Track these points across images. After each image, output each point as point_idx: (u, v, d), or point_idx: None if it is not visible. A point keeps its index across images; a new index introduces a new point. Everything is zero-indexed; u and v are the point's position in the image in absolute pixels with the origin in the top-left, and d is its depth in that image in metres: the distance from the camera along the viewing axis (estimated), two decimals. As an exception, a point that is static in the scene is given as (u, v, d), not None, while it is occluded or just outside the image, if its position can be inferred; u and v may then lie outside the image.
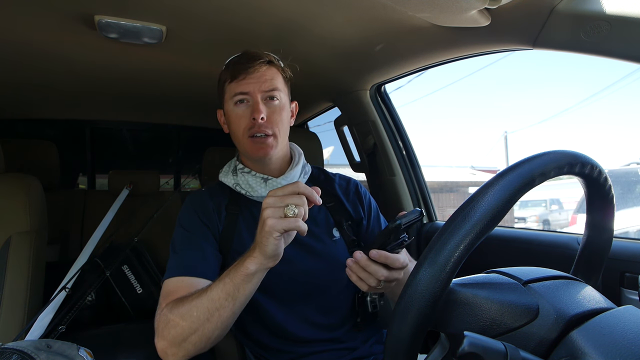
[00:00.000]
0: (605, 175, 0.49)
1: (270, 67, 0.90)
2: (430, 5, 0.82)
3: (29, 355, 0.75)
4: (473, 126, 58.53)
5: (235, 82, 0.88)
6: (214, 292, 0.71)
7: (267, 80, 0.88)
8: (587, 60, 43.20)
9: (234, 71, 0.88)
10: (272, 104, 0.89)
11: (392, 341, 0.41)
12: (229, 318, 0.72)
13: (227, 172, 0.96)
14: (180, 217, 0.91)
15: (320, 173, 1.05)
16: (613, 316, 0.41)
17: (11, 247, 1.17)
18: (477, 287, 0.45)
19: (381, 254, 0.67)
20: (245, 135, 0.88)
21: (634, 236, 3.74)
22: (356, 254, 0.69)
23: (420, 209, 0.70)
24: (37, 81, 1.51)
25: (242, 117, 0.88)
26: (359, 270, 0.69)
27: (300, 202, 0.65)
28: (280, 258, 0.70)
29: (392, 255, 0.67)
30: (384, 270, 0.67)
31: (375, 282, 0.68)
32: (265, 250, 0.67)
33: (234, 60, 0.91)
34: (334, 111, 1.79)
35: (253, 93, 0.87)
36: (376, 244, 0.68)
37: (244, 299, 0.71)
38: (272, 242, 0.65)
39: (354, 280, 0.70)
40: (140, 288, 1.74)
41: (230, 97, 0.89)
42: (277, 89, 0.89)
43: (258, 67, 0.87)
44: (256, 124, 0.86)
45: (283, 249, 0.69)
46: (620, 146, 41.11)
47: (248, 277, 0.69)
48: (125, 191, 1.94)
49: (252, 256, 0.69)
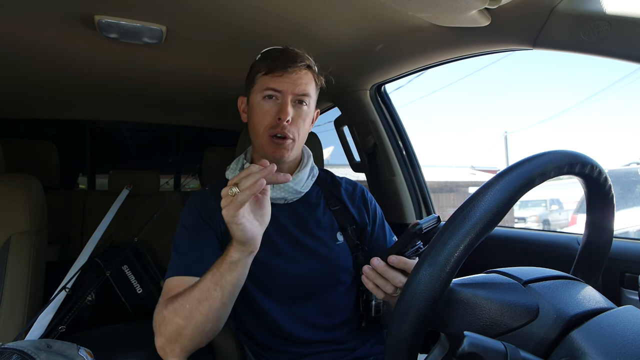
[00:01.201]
0: (605, 175, 0.49)
1: (308, 72, 0.89)
2: (430, 5, 0.82)
3: (29, 355, 0.75)
4: (473, 126, 58.56)
5: (270, 76, 0.86)
6: (202, 283, 0.72)
7: (302, 84, 0.87)
8: (587, 60, 43.20)
9: (272, 66, 0.86)
10: (300, 108, 0.88)
11: (392, 341, 0.41)
12: (219, 309, 0.72)
13: (234, 170, 0.96)
14: (182, 217, 0.91)
15: (327, 176, 1.05)
16: (613, 316, 0.41)
17: (11, 247, 1.17)
18: (477, 287, 0.45)
19: (400, 260, 0.66)
20: (266, 133, 0.87)
21: (634, 236, 3.74)
22: (373, 261, 0.68)
23: (437, 214, 0.69)
24: (37, 81, 1.51)
25: (267, 113, 0.87)
26: (376, 277, 0.68)
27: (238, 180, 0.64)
28: (258, 242, 0.70)
29: (411, 261, 0.66)
30: (402, 277, 0.67)
31: (392, 289, 0.67)
32: (237, 237, 0.68)
33: (272, 54, 0.89)
34: (334, 111, 1.79)
35: (285, 93, 0.86)
36: (395, 250, 0.67)
37: (231, 288, 0.72)
38: (236, 229, 0.66)
39: (370, 288, 0.70)
40: (140, 288, 1.74)
41: (260, 90, 0.87)
42: (309, 95, 0.89)
43: (297, 69, 0.86)
44: (280, 124, 0.85)
45: (257, 233, 0.69)
46: (620, 146, 41.12)
47: (232, 265, 0.70)
48: (125, 191, 1.94)
49: (232, 245, 0.70)
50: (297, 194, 0.93)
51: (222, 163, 1.01)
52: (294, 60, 0.86)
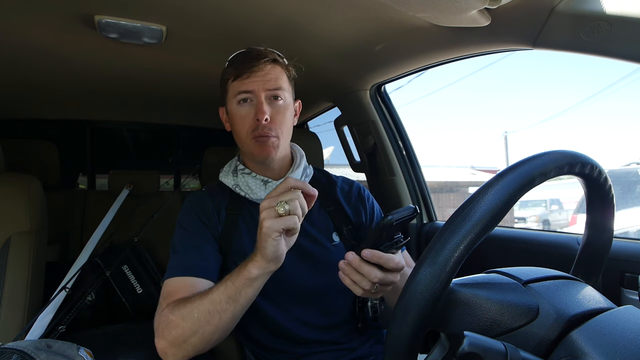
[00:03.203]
0: (605, 175, 0.49)
1: (275, 66, 0.88)
2: (430, 5, 0.82)
3: (29, 355, 0.75)
4: (473, 126, 58.56)
5: (239, 80, 0.86)
6: (215, 295, 0.71)
7: (272, 79, 0.86)
8: (587, 60, 43.21)
9: (238, 69, 0.86)
10: (276, 103, 0.88)
11: (392, 341, 0.41)
12: (229, 321, 0.72)
13: (227, 173, 0.95)
14: (180, 218, 0.91)
15: (322, 175, 1.04)
16: (613, 316, 0.41)
17: (11, 247, 1.17)
18: (477, 287, 0.45)
19: (374, 254, 0.62)
20: (249, 136, 0.87)
21: (634, 236, 3.74)
22: (348, 255, 0.65)
23: (414, 205, 0.64)
24: (37, 81, 1.51)
25: (245, 117, 0.87)
26: (352, 272, 0.65)
27: (293, 197, 0.64)
28: (282, 261, 0.69)
29: (386, 255, 0.63)
30: (378, 272, 0.63)
31: (369, 284, 0.64)
32: (266, 253, 0.66)
33: (238, 58, 0.89)
34: (334, 111, 1.79)
35: (257, 92, 0.85)
36: (368, 243, 0.63)
37: (246, 302, 0.71)
38: (270, 244, 0.65)
39: (348, 284, 0.66)
40: (140, 288, 1.74)
41: (233, 96, 0.88)
42: (282, 88, 0.88)
43: (262, 66, 0.85)
44: (260, 125, 0.85)
45: (284, 252, 0.68)
46: (620, 146, 41.13)
47: (250, 281, 0.69)
48: (125, 191, 1.94)
49: (254, 260, 0.69)
50: None
51: (222, 163, 1.01)
52: (258, 57, 0.85)
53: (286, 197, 0.64)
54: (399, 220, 0.60)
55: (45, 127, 2.25)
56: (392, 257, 0.64)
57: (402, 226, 0.64)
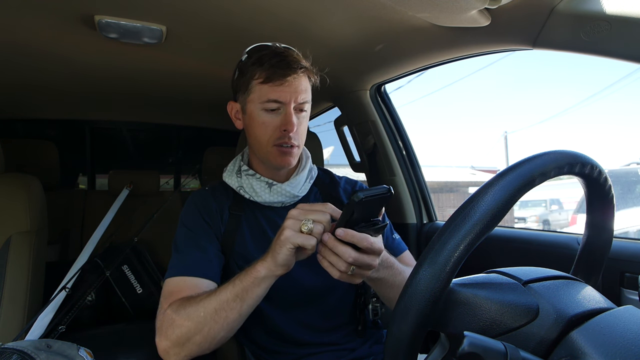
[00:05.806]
0: (605, 175, 0.49)
1: (306, 75, 0.85)
2: (430, 5, 0.82)
3: (29, 355, 0.75)
4: (473, 126, 58.55)
5: (270, 85, 0.81)
6: (222, 293, 0.71)
7: (302, 91, 0.84)
8: (587, 60, 43.21)
9: (271, 73, 0.81)
10: (300, 115, 0.86)
11: (392, 341, 0.41)
12: (235, 320, 0.71)
13: (231, 173, 0.94)
14: (182, 216, 0.90)
15: (326, 176, 1.04)
16: (613, 316, 0.41)
17: (11, 247, 1.17)
18: (477, 287, 0.45)
19: (348, 233, 0.61)
20: (271, 144, 0.85)
21: (634, 236, 3.74)
22: (324, 236, 0.64)
23: (389, 186, 0.63)
24: (37, 81, 1.51)
25: (270, 125, 0.84)
26: (328, 253, 0.64)
27: (321, 219, 0.64)
28: (291, 267, 0.69)
29: (359, 234, 0.62)
30: (352, 251, 0.62)
31: (345, 265, 0.63)
32: (277, 258, 0.66)
33: (268, 57, 0.82)
34: (334, 111, 1.79)
35: (287, 104, 0.82)
36: (341, 222, 0.62)
37: (252, 302, 0.71)
38: (284, 252, 0.65)
39: (325, 267, 0.66)
40: (140, 288, 1.74)
41: (260, 100, 0.83)
42: (308, 101, 0.86)
43: (297, 76, 0.82)
44: (286, 135, 0.83)
45: (293, 261, 0.68)
46: (620, 146, 41.12)
47: (257, 280, 0.69)
48: (125, 191, 1.94)
49: (264, 261, 0.69)
50: (295, 197, 0.92)
51: (222, 163, 1.00)
52: (294, 65, 0.82)
53: (315, 216, 0.64)
54: (368, 197, 0.59)
55: (45, 127, 2.25)
56: (366, 237, 0.63)
57: (377, 207, 0.63)
